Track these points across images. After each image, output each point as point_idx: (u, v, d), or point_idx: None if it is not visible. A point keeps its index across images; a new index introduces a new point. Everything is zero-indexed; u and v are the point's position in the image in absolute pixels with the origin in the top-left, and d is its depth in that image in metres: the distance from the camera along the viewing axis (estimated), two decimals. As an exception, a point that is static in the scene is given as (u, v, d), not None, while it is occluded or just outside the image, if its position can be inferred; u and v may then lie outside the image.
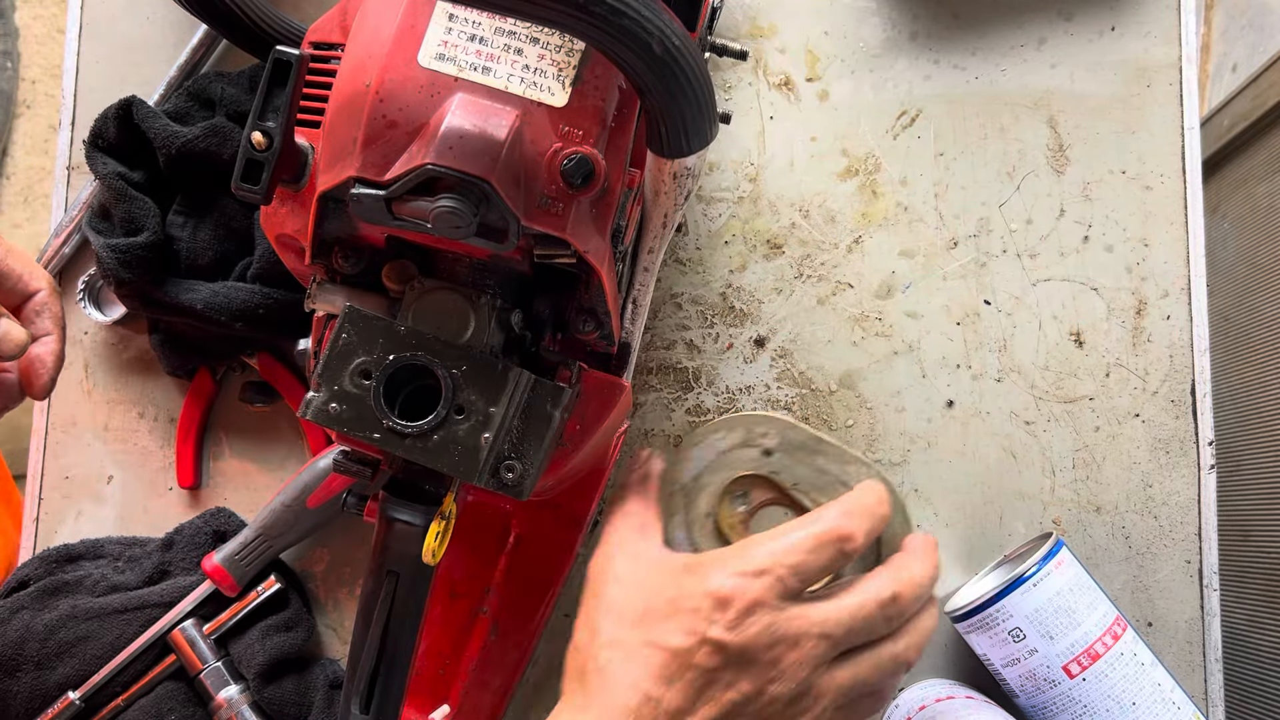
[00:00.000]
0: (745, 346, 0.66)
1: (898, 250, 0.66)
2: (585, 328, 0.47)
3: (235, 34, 0.58)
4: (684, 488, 0.52)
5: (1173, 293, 0.65)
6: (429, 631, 0.58)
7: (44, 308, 0.54)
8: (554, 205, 0.40)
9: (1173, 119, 0.65)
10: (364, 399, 0.40)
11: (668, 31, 0.35)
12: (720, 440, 0.51)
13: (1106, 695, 0.56)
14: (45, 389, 0.54)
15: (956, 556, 0.64)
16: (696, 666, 0.41)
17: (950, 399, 0.65)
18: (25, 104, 1.75)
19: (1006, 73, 0.66)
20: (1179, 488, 0.64)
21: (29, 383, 0.54)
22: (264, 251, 0.62)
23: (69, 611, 0.62)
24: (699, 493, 0.51)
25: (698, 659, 0.41)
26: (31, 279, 0.54)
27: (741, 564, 0.42)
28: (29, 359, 0.53)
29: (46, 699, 0.61)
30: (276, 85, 0.39)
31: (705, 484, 0.51)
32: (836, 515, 0.44)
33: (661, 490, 0.52)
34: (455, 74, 0.40)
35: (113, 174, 0.61)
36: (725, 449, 0.51)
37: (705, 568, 0.43)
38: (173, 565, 0.64)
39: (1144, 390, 0.64)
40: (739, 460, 0.51)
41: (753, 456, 0.51)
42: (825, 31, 0.67)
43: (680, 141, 0.40)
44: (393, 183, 0.39)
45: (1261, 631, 0.93)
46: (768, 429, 0.51)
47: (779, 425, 0.52)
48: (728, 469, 0.51)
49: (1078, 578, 0.58)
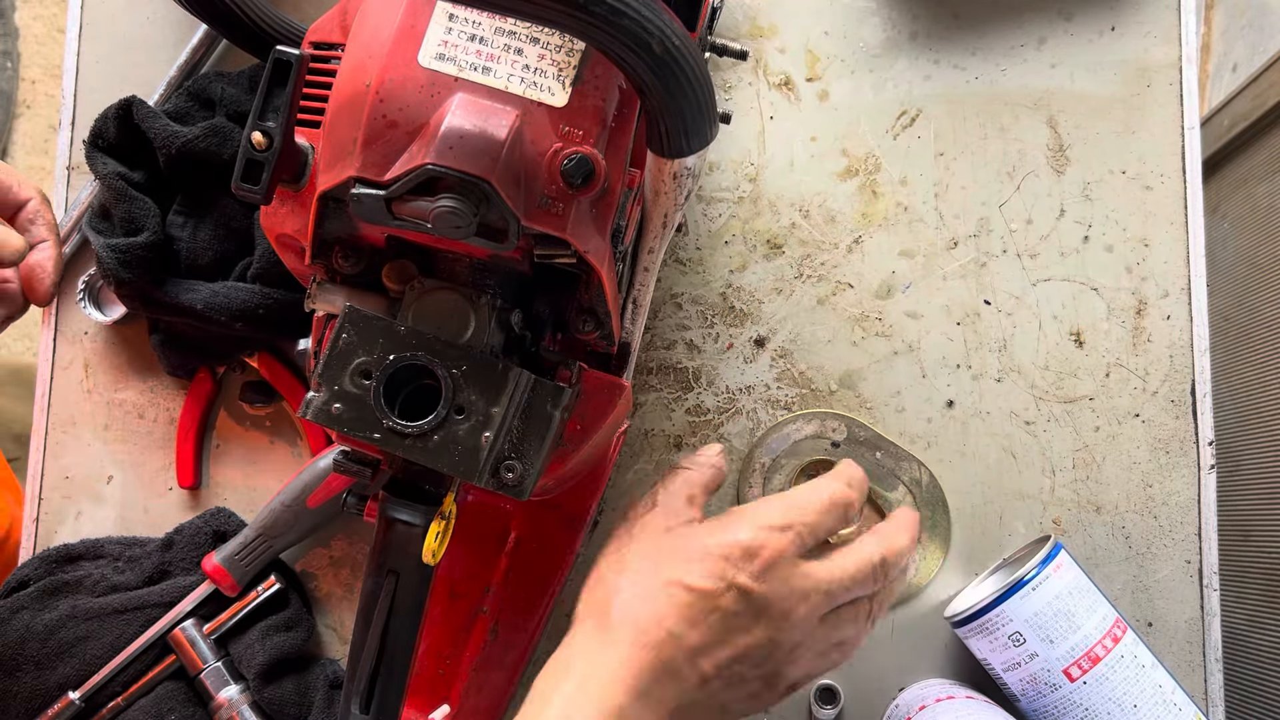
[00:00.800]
0: (745, 346, 0.66)
1: (898, 250, 0.66)
2: (585, 328, 0.47)
3: (235, 34, 0.58)
4: (763, 467, 0.64)
5: (1173, 293, 0.65)
6: (429, 631, 0.58)
7: (37, 215, 0.54)
8: (554, 205, 0.40)
9: (1173, 119, 0.65)
10: (364, 399, 0.40)
11: (668, 31, 0.35)
12: (796, 431, 0.64)
13: (1108, 698, 0.56)
14: (48, 294, 0.55)
15: (957, 557, 0.64)
16: (721, 609, 0.43)
17: (950, 399, 0.65)
18: (25, 104, 1.75)
19: (1006, 73, 0.66)
20: (1179, 488, 0.64)
21: (31, 289, 0.55)
22: (264, 251, 0.62)
23: (69, 612, 0.62)
24: (775, 472, 0.64)
25: (723, 602, 0.43)
26: (21, 189, 0.54)
27: (767, 518, 0.46)
28: (29, 266, 0.54)
29: (46, 699, 0.61)
30: (276, 85, 0.39)
31: (781, 465, 0.64)
32: (840, 483, 0.49)
33: (742, 469, 0.64)
34: (455, 74, 0.40)
35: (113, 174, 0.61)
36: (799, 439, 0.64)
37: (733, 519, 0.46)
38: (173, 565, 0.64)
39: (1144, 390, 0.64)
40: (811, 449, 0.64)
41: (823, 447, 0.63)
42: (825, 31, 0.67)
43: (680, 141, 0.40)
44: (393, 183, 0.39)
45: (1261, 631, 0.93)
46: (837, 424, 0.64)
47: (847, 422, 0.64)
48: (801, 455, 0.64)
49: (1077, 580, 0.58)
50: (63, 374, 0.67)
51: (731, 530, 0.45)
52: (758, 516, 0.46)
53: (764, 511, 0.47)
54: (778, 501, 0.48)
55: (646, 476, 0.65)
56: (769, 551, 0.44)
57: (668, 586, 0.44)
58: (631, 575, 0.45)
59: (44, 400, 0.67)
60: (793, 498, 0.48)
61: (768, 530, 0.45)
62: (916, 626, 0.64)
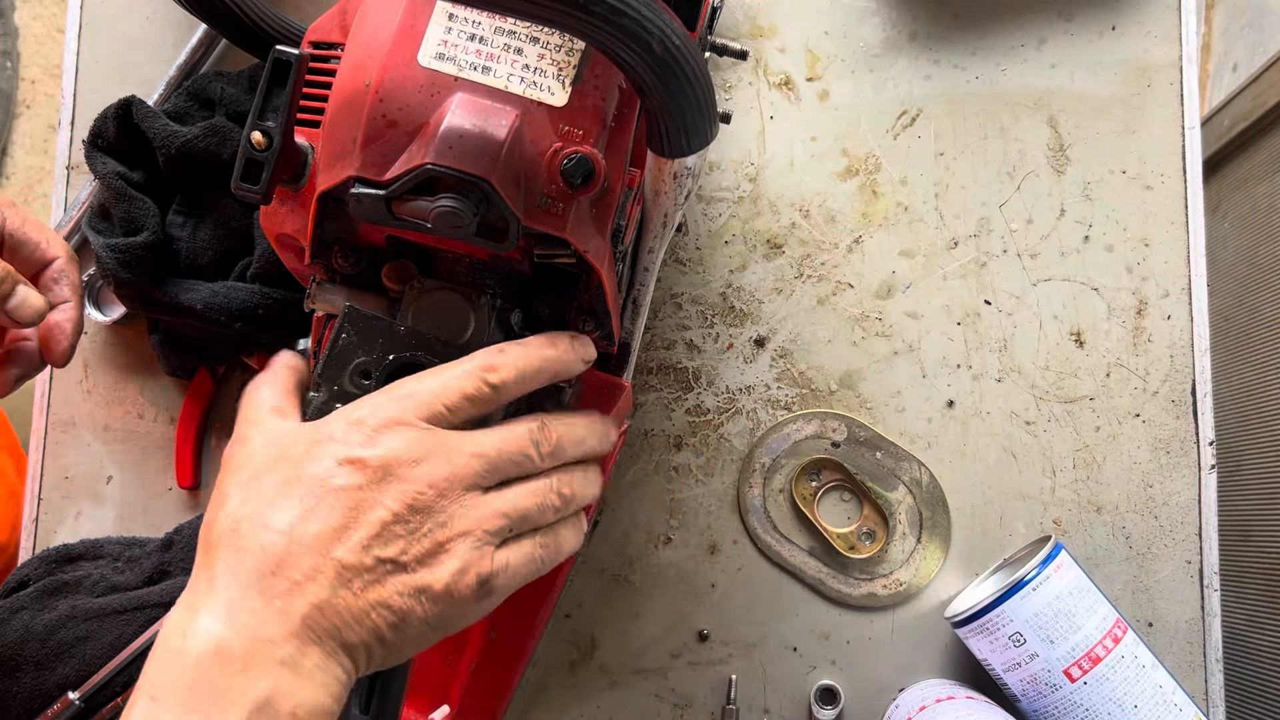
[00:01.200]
0: (745, 346, 0.66)
1: (898, 250, 0.66)
2: (585, 328, 0.46)
3: (235, 34, 0.58)
4: (763, 467, 0.64)
5: (1173, 293, 0.65)
6: (429, 632, 0.58)
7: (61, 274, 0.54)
8: (554, 205, 0.40)
9: (1173, 119, 0.65)
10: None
11: (668, 31, 0.35)
12: (796, 431, 0.64)
13: (1108, 698, 0.56)
14: (65, 355, 0.54)
15: (957, 557, 0.64)
16: (337, 491, 0.37)
17: (950, 399, 0.65)
18: (25, 104, 1.75)
19: (1007, 72, 0.66)
20: (1179, 488, 0.64)
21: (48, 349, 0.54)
22: (264, 251, 0.62)
23: (68, 612, 0.62)
24: (775, 472, 0.64)
25: (336, 482, 0.37)
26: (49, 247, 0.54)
27: (382, 395, 0.40)
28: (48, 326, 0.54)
29: (46, 699, 0.61)
30: (276, 85, 0.39)
31: (781, 465, 0.64)
32: (488, 351, 0.41)
33: (742, 468, 0.64)
34: (455, 73, 0.40)
35: (112, 174, 0.61)
36: (800, 439, 0.64)
37: (346, 408, 0.40)
38: (172, 565, 0.64)
39: (1144, 390, 0.64)
40: (811, 449, 0.64)
41: (823, 447, 0.63)
42: (825, 31, 0.67)
43: (681, 141, 0.40)
44: (393, 182, 0.38)
45: (1261, 631, 0.93)
46: (837, 424, 0.64)
47: (847, 422, 0.64)
48: (801, 455, 0.64)
49: (1077, 581, 0.57)
50: (62, 374, 0.67)
51: (341, 414, 0.39)
52: (372, 398, 0.40)
53: (385, 390, 0.40)
54: (408, 378, 0.41)
55: (646, 476, 0.65)
56: (377, 418, 0.38)
57: (279, 489, 0.38)
58: (235, 500, 0.38)
59: (43, 400, 0.67)
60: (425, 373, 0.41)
61: (377, 402, 0.39)
62: (917, 627, 0.64)
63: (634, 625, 0.65)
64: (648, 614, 0.65)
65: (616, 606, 0.65)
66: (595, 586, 0.65)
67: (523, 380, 0.41)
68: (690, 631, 0.65)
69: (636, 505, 0.65)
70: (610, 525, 0.65)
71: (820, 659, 0.64)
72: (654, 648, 0.65)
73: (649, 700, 0.64)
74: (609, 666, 0.65)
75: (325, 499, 0.37)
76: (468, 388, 0.40)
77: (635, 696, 0.64)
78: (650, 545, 0.65)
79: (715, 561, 0.65)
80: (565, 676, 0.65)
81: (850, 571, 0.64)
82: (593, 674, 0.65)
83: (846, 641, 0.64)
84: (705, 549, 0.65)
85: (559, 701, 0.64)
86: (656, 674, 0.65)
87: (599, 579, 0.65)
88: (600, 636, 0.65)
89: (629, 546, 0.65)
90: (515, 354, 0.41)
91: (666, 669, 0.64)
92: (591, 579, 0.65)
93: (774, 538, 0.64)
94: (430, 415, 0.39)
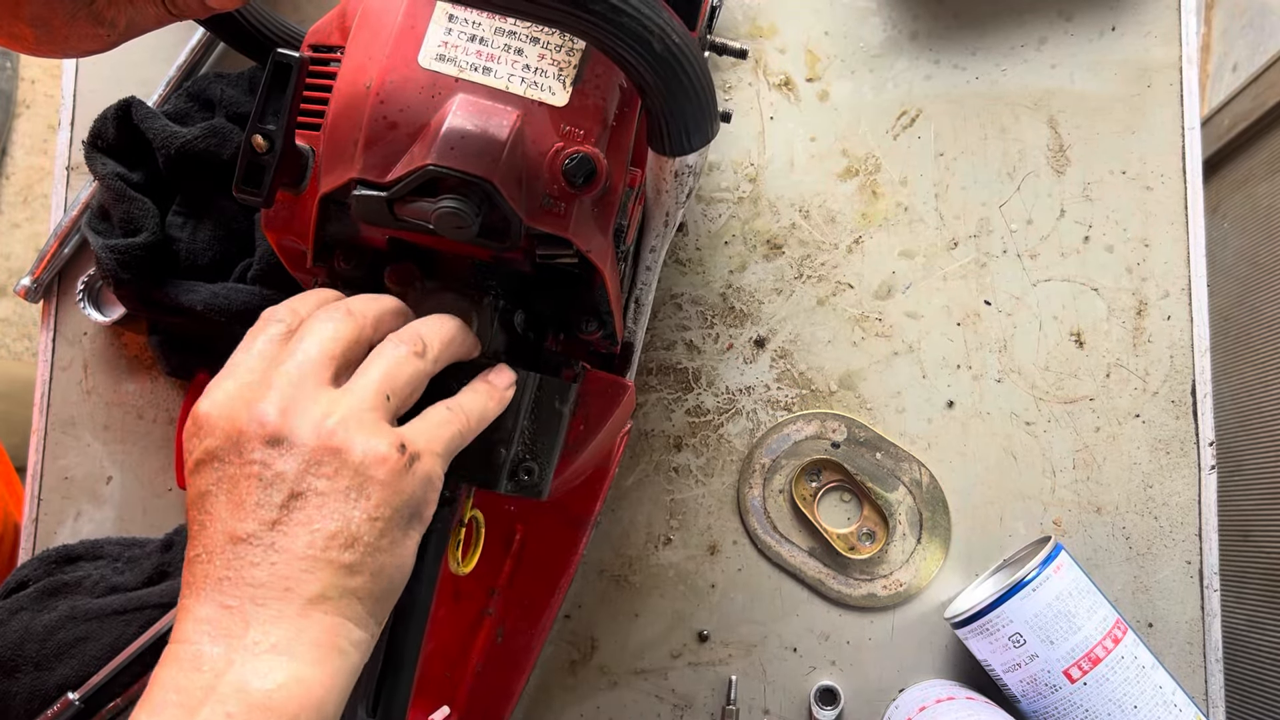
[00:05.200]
0: (745, 347, 0.66)
1: (898, 250, 0.66)
2: (588, 328, 0.47)
3: (234, 37, 0.58)
4: (763, 467, 0.64)
5: (1173, 293, 0.65)
6: (435, 633, 0.58)
7: None
8: (556, 205, 0.40)
9: (1173, 119, 0.65)
10: None
11: (668, 29, 0.35)
12: (796, 432, 0.64)
13: (1108, 699, 0.56)
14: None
15: (957, 557, 0.64)
16: (233, 477, 0.36)
17: (950, 399, 0.65)
18: (25, 104, 1.75)
19: (1007, 73, 0.66)
20: (1179, 488, 0.64)
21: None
22: (264, 252, 0.62)
23: (68, 612, 0.61)
24: (775, 473, 0.64)
25: (229, 470, 0.36)
26: None
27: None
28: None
29: (46, 700, 0.61)
30: (276, 88, 0.39)
31: (781, 466, 0.64)
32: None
33: (742, 469, 0.64)
34: (456, 74, 0.40)
35: (112, 174, 0.61)
36: (800, 439, 0.64)
37: None
38: (172, 566, 0.64)
39: (1144, 390, 0.64)
40: (811, 449, 0.64)
41: (823, 447, 0.63)
42: (825, 31, 0.67)
43: (681, 139, 0.40)
44: (394, 184, 0.38)
45: (1261, 631, 0.93)
46: (837, 425, 0.64)
47: (847, 423, 0.64)
48: (801, 456, 0.64)
49: (1077, 581, 0.58)
50: (62, 374, 0.67)
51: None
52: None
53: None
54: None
55: (646, 477, 0.65)
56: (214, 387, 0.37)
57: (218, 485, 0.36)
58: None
59: (43, 401, 0.67)
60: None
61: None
62: (917, 627, 0.64)
63: (634, 626, 0.65)
64: (648, 614, 0.65)
65: (616, 607, 0.65)
66: (595, 587, 0.65)
67: (383, 324, 0.40)
68: (690, 632, 0.65)
69: (636, 506, 0.65)
70: (610, 526, 0.65)
71: (820, 659, 0.64)
72: (654, 648, 0.65)
73: (649, 701, 0.64)
74: (609, 667, 0.65)
75: (222, 487, 0.36)
76: (351, 332, 0.38)
77: (635, 697, 0.64)
78: (650, 546, 0.65)
79: (715, 562, 0.65)
80: (565, 676, 0.65)
81: (850, 572, 0.64)
82: (593, 674, 0.65)
83: (846, 642, 0.64)
84: (705, 550, 0.65)
85: (559, 701, 0.64)
86: (656, 674, 0.65)
87: (599, 579, 0.65)
88: (600, 637, 0.65)
89: (629, 547, 0.65)
90: (368, 303, 0.40)
91: (666, 669, 0.64)
92: (591, 579, 0.65)
93: (774, 538, 0.64)
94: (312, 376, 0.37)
